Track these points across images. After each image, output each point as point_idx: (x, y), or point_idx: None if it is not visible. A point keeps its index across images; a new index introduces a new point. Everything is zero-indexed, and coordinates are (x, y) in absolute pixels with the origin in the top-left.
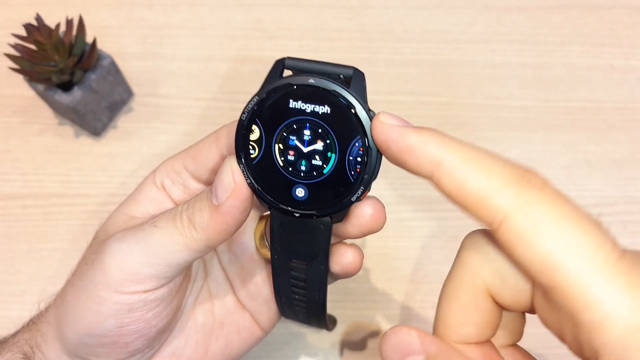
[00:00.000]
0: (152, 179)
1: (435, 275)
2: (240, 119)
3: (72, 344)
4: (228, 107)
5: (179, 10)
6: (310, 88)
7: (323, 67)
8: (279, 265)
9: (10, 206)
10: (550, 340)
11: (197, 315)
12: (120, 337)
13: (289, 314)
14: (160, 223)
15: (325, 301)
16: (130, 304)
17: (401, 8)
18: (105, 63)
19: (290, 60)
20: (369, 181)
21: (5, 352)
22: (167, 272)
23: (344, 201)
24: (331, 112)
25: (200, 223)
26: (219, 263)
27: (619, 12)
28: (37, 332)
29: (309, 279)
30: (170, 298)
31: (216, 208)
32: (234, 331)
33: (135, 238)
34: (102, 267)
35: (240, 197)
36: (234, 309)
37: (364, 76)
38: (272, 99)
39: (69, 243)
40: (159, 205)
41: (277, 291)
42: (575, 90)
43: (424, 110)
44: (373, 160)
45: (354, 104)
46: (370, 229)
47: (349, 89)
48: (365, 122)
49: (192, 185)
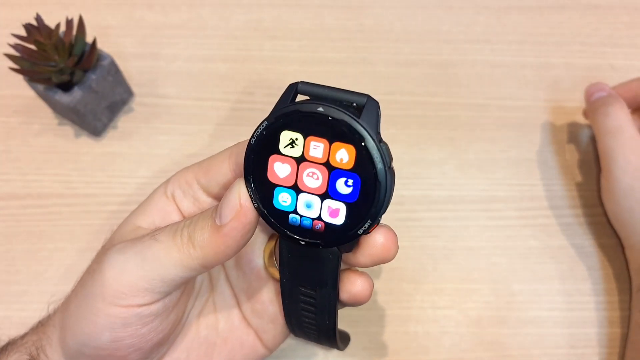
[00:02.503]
0: (164, 190)
1: (435, 275)
2: (250, 143)
3: (71, 352)
4: (228, 107)
5: (179, 10)
6: (318, 116)
7: (336, 93)
8: (288, 289)
9: (10, 206)
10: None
11: (200, 329)
12: (116, 350)
13: (299, 334)
14: (160, 237)
15: (336, 325)
16: (124, 318)
17: (401, 8)
18: (105, 63)
19: (303, 84)
20: (377, 214)
21: (13, 353)
22: (162, 287)
23: (350, 233)
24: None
25: (199, 241)
26: (226, 278)
27: (619, 12)
28: (43, 334)
29: (318, 304)
30: (166, 313)
31: (218, 228)
32: (237, 347)
33: (134, 250)
34: (100, 278)
35: (243, 220)
36: (239, 325)
37: (378, 105)
38: (279, 125)
39: (69, 243)
40: (165, 217)
41: (287, 313)
42: (575, 90)
43: (424, 110)
44: (382, 193)
45: (364, 136)
46: (382, 259)
47: (359, 118)
48: (374, 154)
49: (202, 199)
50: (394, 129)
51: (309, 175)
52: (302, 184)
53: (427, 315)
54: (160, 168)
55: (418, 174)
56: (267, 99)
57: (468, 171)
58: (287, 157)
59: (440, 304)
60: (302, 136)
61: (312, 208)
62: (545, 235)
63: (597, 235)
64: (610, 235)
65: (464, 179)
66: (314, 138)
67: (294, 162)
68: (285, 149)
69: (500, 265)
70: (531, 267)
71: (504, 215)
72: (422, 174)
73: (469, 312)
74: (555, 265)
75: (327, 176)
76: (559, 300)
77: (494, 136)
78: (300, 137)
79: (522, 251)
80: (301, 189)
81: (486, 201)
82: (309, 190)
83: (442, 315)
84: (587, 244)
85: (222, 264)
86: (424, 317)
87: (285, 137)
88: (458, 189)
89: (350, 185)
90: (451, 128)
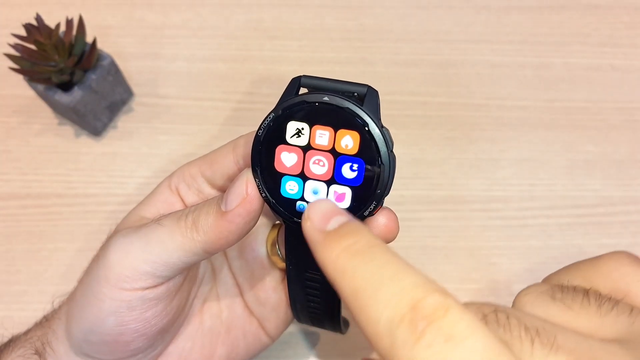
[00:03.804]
0: (168, 183)
1: (435, 275)
2: (257, 135)
3: (77, 341)
4: (228, 107)
5: (179, 10)
6: (323, 106)
7: (338, 85)
8: (294, 275)
9: (10, 206)
10: None
11: (204, 319)
12: (121, 335)
13: (303, 319)
14: (164, 221)
15: (340, 307)
16: (128, 301)
17: (401, 8)
18: (105, 63)
19: (306, 78)
20: (381, 196)
21: (17, 349)
22: (164, 271)
23: (356, 216)
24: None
25: (203, 225)
26: (229, 268)
27: (619, 12)
28: (49, 328)
29: (323, 287)
30: (169, 298)
31: (223, 214)
32: (240, 336)
33: (138, 234)
34: (104, 261)
35: (248, 207)
36: (242, 314)
37: (378, 94)
38: (286, 116)
39: (69, 243)
40: (170, 208)
41: (292, 299)
42: (575, 90)
43: (424, 110)
44: (386, 176)
45: (367, 122)
46: (385, 239)
47: (362, 106)
48: (378, 139)
49: (207, 191)
50: (394, 129)
51: (315, 162)
52: (309, 172)
53: None
54: (160, 168)
55: (418, 174)
56: (267, 99)
57: (468, 171)
58: (293, 146)
59: None
60: (308, 125)
61: (319, 194)
62: (546, 235)
63: (597, 235)
64: (610, 235)
65: (464, 179)
66: (319, 127)
67: (301, 151)
68: (292, 139)
69: (500, 265)
70: (531, 267)
71: (504, 215)
72: (422, 174)
73: None
74: (555, 265)
75: (332, 162)
76: None
77: (494, 136)
78: (307, 126)
79: (522, 251)
80: (308, 176)
81: (486, 201)
82: (316, 177)
83: None
84: (587, 244)
85: (224, 250)
86: None
87: (292, 128)
88: (458, 189)
89: (355, 169)
90: (451, 128)
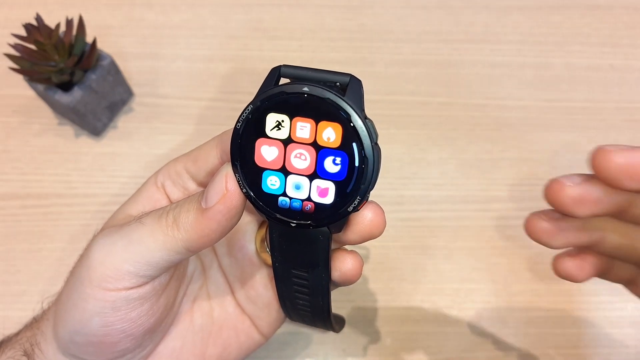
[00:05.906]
0: (154, 180)
1: (435, 275)
2: (235, 128)
3: (64, 342)
4: (228, 107)
5: (179, 10)
6: (303, 97)
7: (319, 74)
8: (281, 273)
9: (10, 206)
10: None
11: (194, 318)
12: (107, 336)
13: (294, 317)
14: (146, 220)
15: (329, 307)
16: (112, 301)
17: (401, 8)
18: (105, 63)
19: (286, 67)
20: (366, 191)
21: (7, 350)
22: (147, 270)
23: (340, 211)
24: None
25: (184, 224)
26: (219, 266)
27: (619, 12)
28: (37, 329)
29: (311, 285)
30: (155, 298)
31: (203, 211)
32: (232, 335)
33: (120, 234)
34: (87, 261)
35: (229, 204)
36: (233, 312)
37: (361, 83)
38: (265, 108)
39: (69, 243)
40: (155, 205)
41: (281, 297)
42: (575, 90)
43: (424, 110)
44: (370, 170)
45: (350, 113)
46: (371, 235)
47: (344, 97)
48: (361, 131)
49: (192, 187)
50: (394, 129)
51: (296, 156)
52: (290, 166)
53: (427, 315)
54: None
55: (418, 174)
56: None
57: (468, 171)
58: (274, 139)
59: (440, 304)
60: (288, 117)
61: (301, 189)
62: None
63: None
64: None
65: (464, 179)
66: (300, 119)
67: (281, 145)
68: (272, 132)
69: (500, 265)
70: (531, 267)
71: (504, 215)
72: (422, 174)
73: (469, 312)
74: None
75: (314, 156)
76: (558, 300)
77: (494, 136)
78: (287, 118)
79: (522, 251)
80: (289, 170)
81: (486, 201)
82: (298, 172)
83: (442, 315)
84: None
85: (213, 247)
86: (424, 317)
87: (271, 120)
88: (458, 189)
89: (338, 163)
90: (451, 128)
